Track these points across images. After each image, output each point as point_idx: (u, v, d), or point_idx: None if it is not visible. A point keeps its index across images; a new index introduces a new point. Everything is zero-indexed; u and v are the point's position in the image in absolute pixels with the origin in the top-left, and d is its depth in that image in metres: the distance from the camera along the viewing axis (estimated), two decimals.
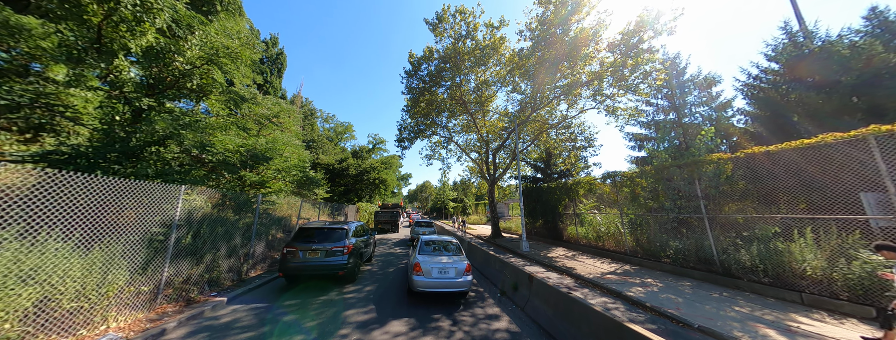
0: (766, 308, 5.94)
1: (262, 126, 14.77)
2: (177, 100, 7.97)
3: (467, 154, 22.62)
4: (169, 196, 5.32)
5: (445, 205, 65.12)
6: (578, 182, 14.23)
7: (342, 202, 28.88)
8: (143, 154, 6.74)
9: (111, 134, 6.68)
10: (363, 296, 6.74)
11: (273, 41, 27.13)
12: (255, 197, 9.63)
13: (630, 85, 12.70)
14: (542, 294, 5.33)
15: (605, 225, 12.95)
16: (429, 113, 18.61)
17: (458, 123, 21.92)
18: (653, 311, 5.93)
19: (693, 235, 8.86)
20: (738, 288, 7.18)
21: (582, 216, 14.28)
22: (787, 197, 6.81)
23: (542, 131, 18.17)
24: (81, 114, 6.36)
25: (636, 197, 10.56)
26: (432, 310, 5.86)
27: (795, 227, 6.71)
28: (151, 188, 4.93)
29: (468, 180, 27.75)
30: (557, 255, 12.39)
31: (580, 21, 12.81)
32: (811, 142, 6.21)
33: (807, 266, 6.32)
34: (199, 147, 7.25)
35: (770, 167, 6.99)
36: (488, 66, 16.83)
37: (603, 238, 12.63)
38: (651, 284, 7.74)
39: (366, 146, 36.78)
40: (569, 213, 15.60)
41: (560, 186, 15.87)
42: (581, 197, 14.28)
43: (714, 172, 8.34)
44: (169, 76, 7.16)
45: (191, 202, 7.16)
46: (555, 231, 16.47)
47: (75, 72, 5.97)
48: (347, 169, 29.28)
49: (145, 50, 6.12)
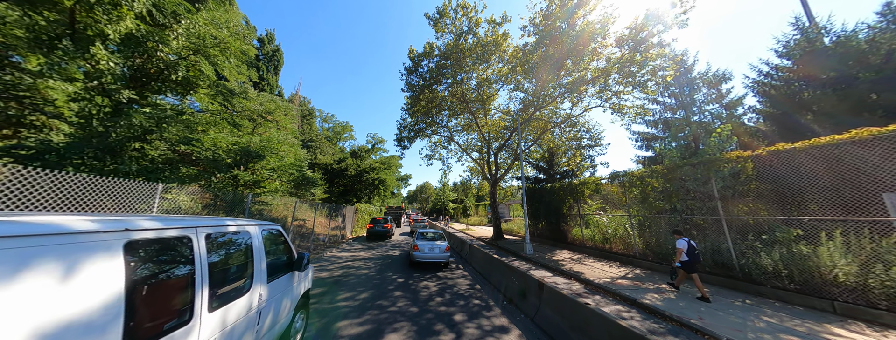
0: (797, 318, 5.46)
1: (257, 124, 14.32)
2: (162, 94, 7.53)
3: (468, 154, 22.15)
4: (145, 194, 4.84)
5: (445, 206, 64.64)
6: (584, 182, 13.77)
7: (341, 203, 28.40)
8: (124, 150, 6.26)
9: (89, 128, 6.21)
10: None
11: (269, 38, 26.62)
12: (247, 197, 9.16)
13: (638, 81, 12.26)
14: (554, 304, 4.85)
15: (612, 226, 12.48)
16: (429, 111, 18.15)
17: (459, 122, 21.46)
18: (673, 321, 5.45)
19: (707, 238, 8.40)
20: (762, 295, 6.71)
21: (587, 217, 13.81)
22: (814, 198, 6.35)
23: (545, 130, 17.72)
24: (59, 106, 5.90)
25: (646, 197, 10.09)
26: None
27: (823, 230, 6.26)
28: (121, 186, 4.45)
29: (469, 181, 27.28)
30: (563, 258, 11.91)
31: (586, 15, 12.37)
32: (844, 138, 5.75)
33: (838, 271, 5.86)
34: (184, 142, 6.78)
35: (796, 165, 6.53)
36: (491, 64, 16.39)
37: (610, 240, 12.15)
38: (666, 290, 7.27)
39: (365, 146, 36.29)
40: (573, 214, 15.13)
41: (564, 187, 15.41)
42: (586, 198, 13.81)
43: (731, 171, 7.89)
44: (153, 67, 6.69)
45: (176, 201, 6.69)
46: (559, 233, 15.99)
47: (49, 62, 5.49)
48: (346, 169, 28.79)
49: (124, 37, 5.66)
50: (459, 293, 7.49)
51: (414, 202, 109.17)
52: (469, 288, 7.92)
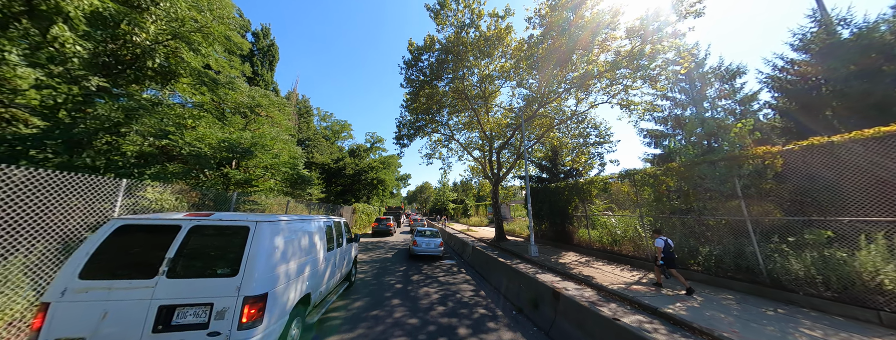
0: (842, 331, 4.87)
1: (250, 120, 13.70)
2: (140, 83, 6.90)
3: (469, 152, 21.55)
4: (106, 192, 4.24)
5: (445, 207, 63.95)
6: (592, 181, 13.18)
7: (338, 203, 27.78)
8: (93, 143, 5.67)
9: (53, 119, 5.61)
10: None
11: (264, 32, 25.93)
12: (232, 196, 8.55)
13: (648, 75, 11.66)
14: (574, 316, 4.26)
15: (621, 227, 11.90)
16: (429, 108, 17.54)
17: (460, 120, 20.87)
18: (704, 334, 4.86)
19: (726, 240, 7.81)
20: (794, 303, 6.12)
21: (594, 218, 13.22)
22: (854, 197, 5.76)
23: (549, 128, 17.12)
24: (24, 90, 5.30)
25: (660, 197, 9.51)
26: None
27: (864, 231, 5.68)
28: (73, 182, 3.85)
29: (469, 180, 26.66)
30: (570, 261, 11.32)
31: (595, 5, 11.79)
32: (890, 130, 5.17)
33: (884, 278, 5.28)
34: (159, 135, 6.17)
35: (832, 161, 5.95)
36: (493, 58, 15.79)
37: (619, 242, 11.57)
38: (685, 296, 6.68)
39: (363, 145, 35.62)
40: (578, 215, 14.56)
41: (570, 186, 14.83)
42: (593, 198, 13.22)
43: (755, 168, 7.31)
44: (127, 53, 6.08)
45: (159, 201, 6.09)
46: (563, 234, 15.41)
47: None
48: (344, 168, 28.14)
49: (90, 16, 5.05)
50: (463, 300, 6.90)
51: (413, 202, 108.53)
52: (473, 295, 7.33)
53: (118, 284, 2.58)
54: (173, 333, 2.54)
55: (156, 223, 2.97)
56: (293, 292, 3.52)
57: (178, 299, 2.62)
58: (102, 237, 2.76)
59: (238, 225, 3.07)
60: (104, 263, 2.68)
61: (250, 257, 2.87)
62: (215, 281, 2.74)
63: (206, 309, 2.64)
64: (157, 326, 2.52)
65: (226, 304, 2.65)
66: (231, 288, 2.71)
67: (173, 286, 2.66)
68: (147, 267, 2.72)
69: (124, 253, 2.80)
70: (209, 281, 2.74)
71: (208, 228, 3.03)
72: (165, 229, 2.92)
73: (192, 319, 2.62)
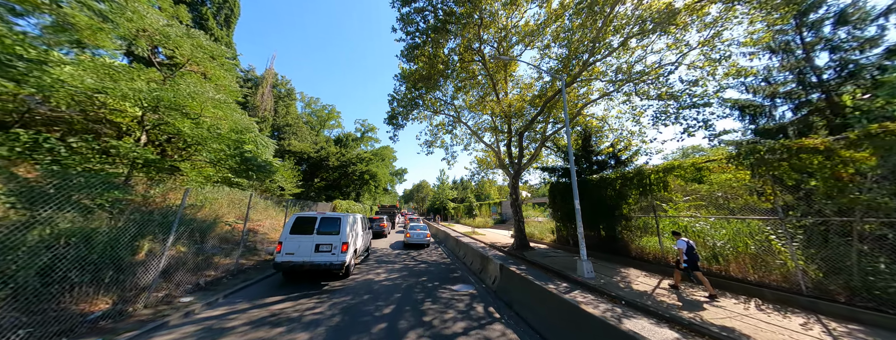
0: None
1: (171, 73, 9.43)
2: None
3: (479, 138, 17.34)
4: None
5: (445, 206, 59.49)
6: (669, 167, 9.11)
7: (320, 199, 23.48)
8: None
9: None
10: None
11: None
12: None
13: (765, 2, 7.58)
14: None
15: (724, 236, 7.85)
16: (430, 75, 13.33)
17: (470, 97, 16.70)
18: None
19: None
20: None
21: (672, 221, 9.14)
22: None
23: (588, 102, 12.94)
24: None
25: (844, 187, 5.43)
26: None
27: None
28: None
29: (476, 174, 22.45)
30: (647, 287, 7.23)
31: None
32: None
33: None
34: None
35: None
36: (519, 4, 11.66)
37: (724, 259, 7.53)
38: None
39: (353, 134, 31.21)
40: (635, 216, 10.52)
41: (625, 177, 10.78)
42: (671, 193, 9.14)
43: None
44: None
45: None
46: (612, 242, 11.37)
47: None
48: (327, 158, 23.73)
49: None
50: None
51: (410, 201, 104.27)
52: None
53: (301, 236, 7.73)
54: (321, 253, 7.63)
55: (310, 215, 8.26)
56: (355, 245, 8.97)
57: (320, 241, 7.77)
58: (293, 219, 7.96)
59: (337, 216, 8.37)
60: (296, 228, 7.82)
61: (342, 227, 8.05)
62: (332, 236, 7.86)
63: (330, 245, 7.73)
64: (315, 250, 7.65)
65: (336, 243, 7.77)
66: (337, 239, 7.83)
67: (319, 237, 7.81)
68: (309, 229, 7.89)
69: (301, 225, 7.89)
70: (330, 236, 7.85)
71: (327, 217, 8.29)
72: (312, 218, 8.17)
73: (325, 248, 7.70)
